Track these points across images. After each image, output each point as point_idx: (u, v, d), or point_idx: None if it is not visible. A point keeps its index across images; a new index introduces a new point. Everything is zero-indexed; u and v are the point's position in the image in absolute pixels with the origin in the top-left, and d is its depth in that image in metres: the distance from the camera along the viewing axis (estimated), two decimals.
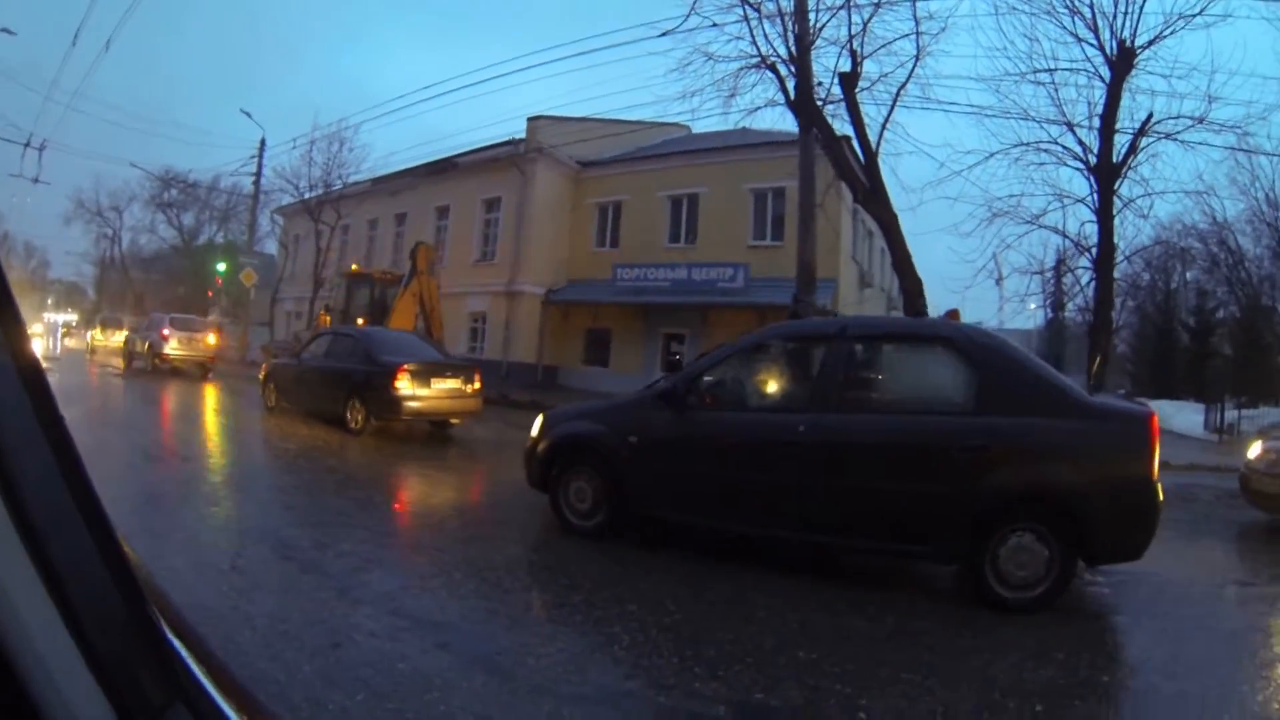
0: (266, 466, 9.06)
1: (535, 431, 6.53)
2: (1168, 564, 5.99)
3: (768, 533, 5.39)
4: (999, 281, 16.91)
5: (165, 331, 19.81)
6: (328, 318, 21.35)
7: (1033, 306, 31.61)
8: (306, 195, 28.56)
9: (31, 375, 0.76)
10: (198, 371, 20.43)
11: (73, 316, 55.29)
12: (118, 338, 27.29)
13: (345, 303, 21.12)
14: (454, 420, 12.29)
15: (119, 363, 21.99)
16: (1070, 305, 20.51)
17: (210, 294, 33.68)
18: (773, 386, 5.92)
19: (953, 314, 6.29)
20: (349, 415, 11.23)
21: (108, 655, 0.76)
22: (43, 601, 0.73)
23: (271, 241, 39.74)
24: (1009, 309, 41.96)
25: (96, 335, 30.98)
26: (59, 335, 37.04)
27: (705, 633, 3.95)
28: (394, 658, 3.38)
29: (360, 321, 17.81)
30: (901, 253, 14.71)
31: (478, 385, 12.03)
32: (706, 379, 5.88)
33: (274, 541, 5.27)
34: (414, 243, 20.68)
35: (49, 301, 67.41)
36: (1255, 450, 8.12)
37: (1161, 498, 4.69)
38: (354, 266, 22.50)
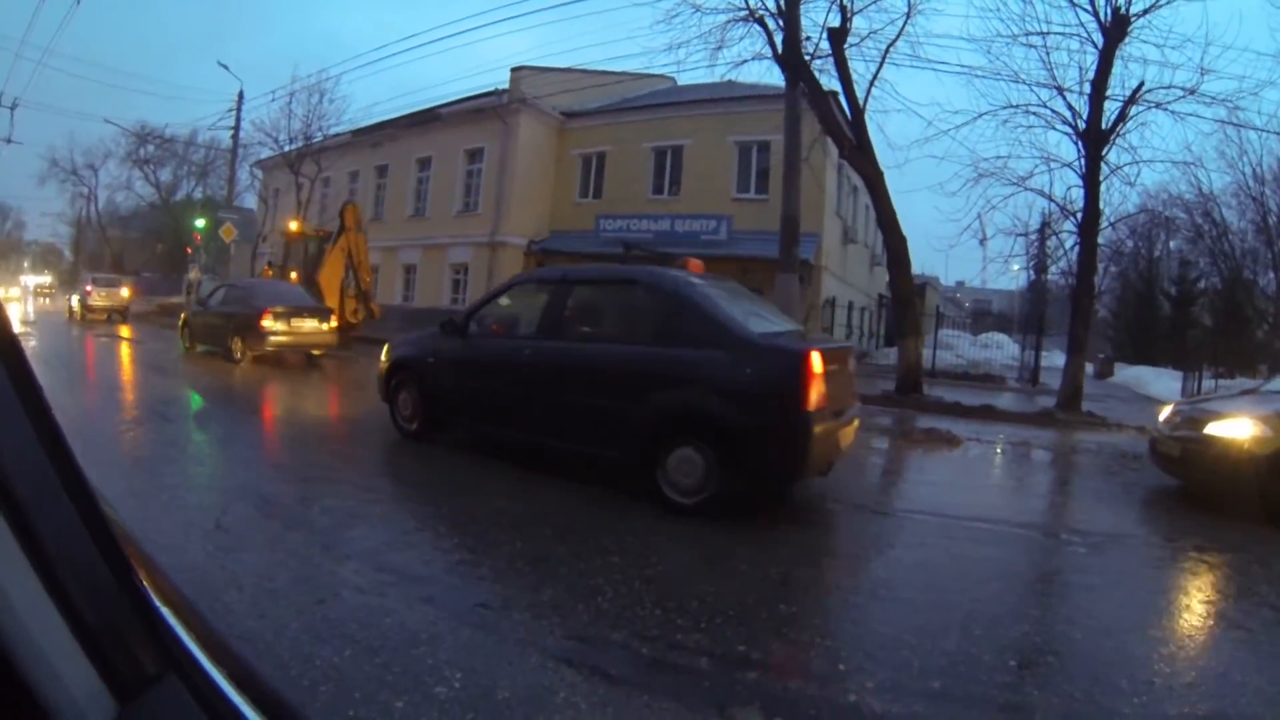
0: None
1: (383, 357, 8.04)
2: (1154, 527, 6.13)
3: (515, 436, 6.71)
4: (983, 242, 16.95)
5: (89, 288, 25.61)
6: (270, 271, 22.91)
7: (1016, 268, 31.77)
8: (286, 148, 28.15)
9: (6, 344, 0.75)
10: (117, 316, 25.42)
11: (45, 278, 54.35)
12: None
13: (284, 258, 22.31)
14: (315, 351, 15.11)
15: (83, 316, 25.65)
16: (1053, 268, 20.60)
17: (189, 250, 33.18)
18: (519, 319, 7.14)
19: (688, 263, 6.92)
20: (233, 348, 14.14)
21: (97, 628, 0.76)
22: (28, 575, 0.72)
23: (251, 196, 39.17)
24: (992, 269, 42.12)
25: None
26: (31, 297, 36.85)
27: (688, 585, 4.00)
28: (380, 613, 3.41)
29: (293, 274, 19.79)
30: (886, 209, 14.74)
31: (333, 324, 15.20)
32: (479, 312, 7.29)
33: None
34: (343, 203, 21.85)
35: (25, 264, 66.37)
36: (1165, 413, 8.03)
37: (817, 429, 5.21)
38: (293, 226, 23.01)
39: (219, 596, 3.45)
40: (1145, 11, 13.66)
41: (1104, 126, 14.35)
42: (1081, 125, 14.57)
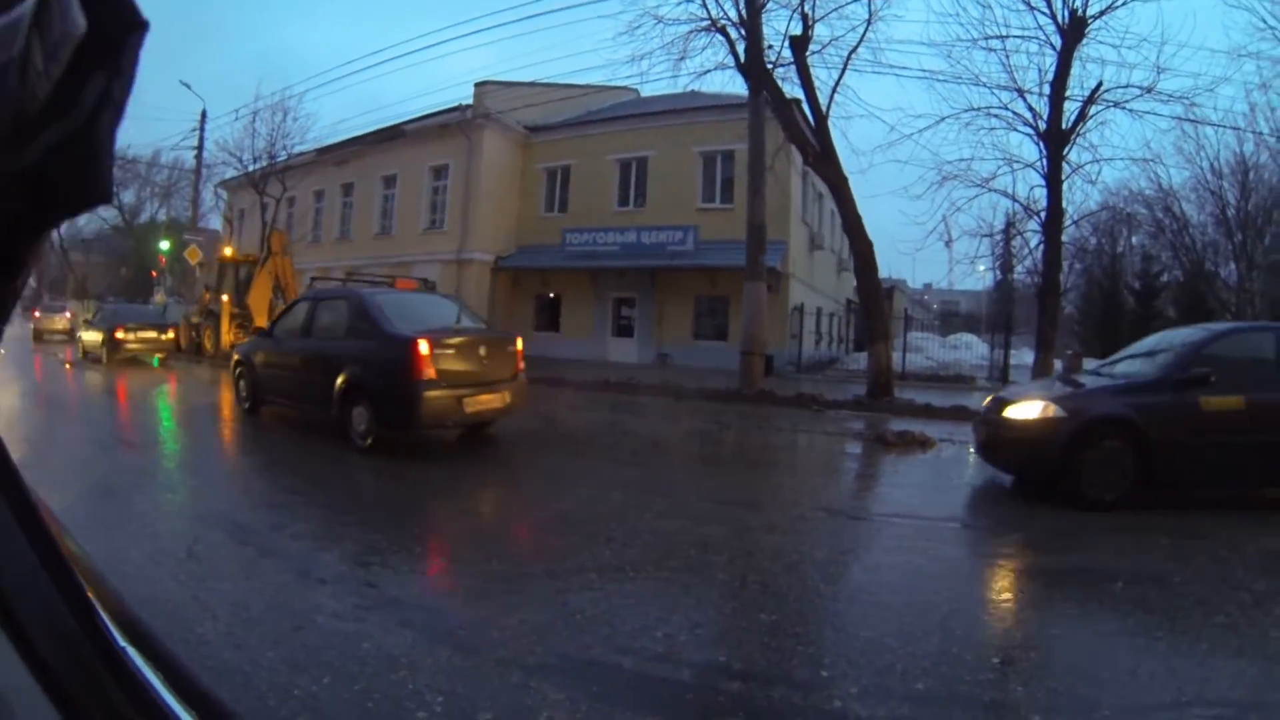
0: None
1: (233, 356, 11.17)
2: (1129, 518, 6.21)
3: (291, 406, 9.67)
4: (949, 244, 17.11)
5: (37, 314, 30.08)
6: (208, 294, 23.97)
7: (982, 269, 32.14)
8: (250, 168, 27.82)
9: None
10: (63, 337, 28.49)
11: None
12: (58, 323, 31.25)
13: (218, 281, 23.48)
14: (159, 354, 19.78)
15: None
16: (1019, 268, 20.87)
17: (154, 274, 32.78)
18: (296, 325, 9.57)
19: (397, 282, 11.04)
20: (102, 354, 18.88)
21: (60, 674, 0.74)
22: None
23: (216, 217, 38.75)
24: (959, 270, 42.57)
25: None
26: None
27: (668, 599, 3.99)
28: (358, 638, 3.36)
29: (225, 297, 22.07)
30: (852, 215, 14.83)
31: (170, 335, 20.41)
32: (280, 321, 10.18)
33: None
34: (269, 229, 23.72)
35: None
36: (987, 399, 8.18)
37: (428, 394, 7.57)
38: (227, 252, 24.11)
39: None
40: (1102, 13, 13.95)
41: (1064, 126, 14.61)
42: (1042, 126, 14.83)
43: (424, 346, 7.57)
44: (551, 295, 25.97)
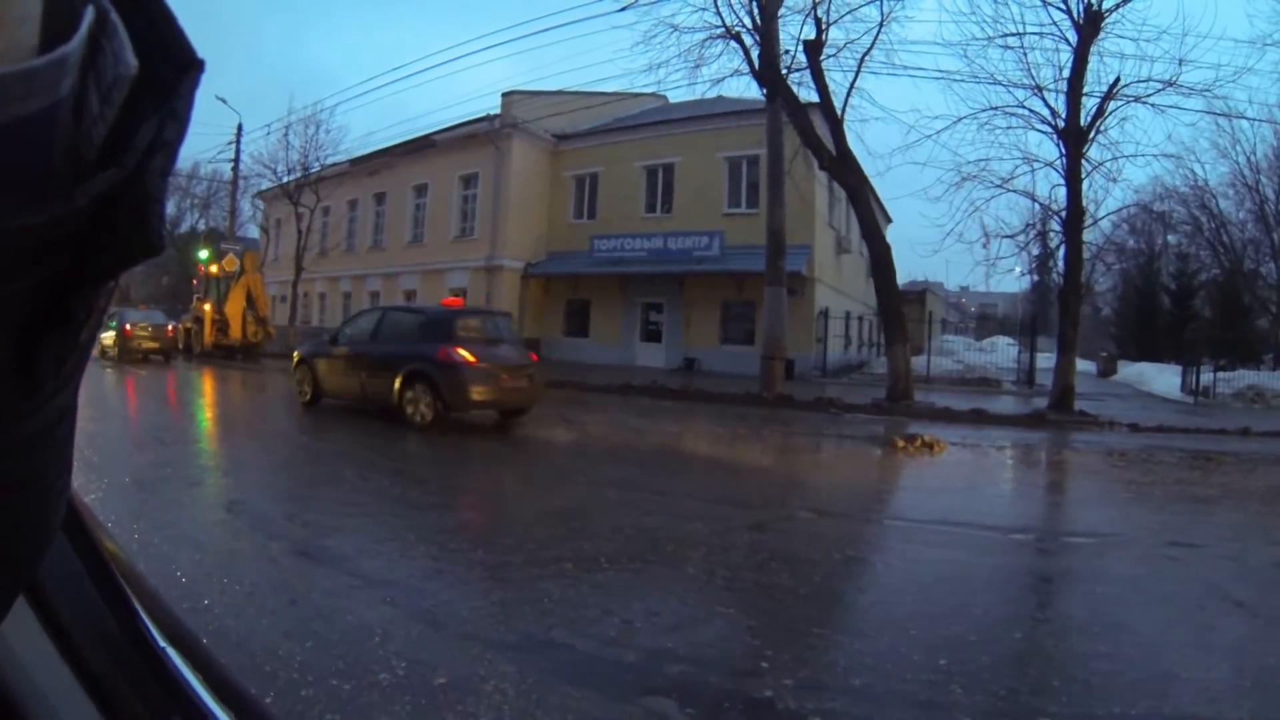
0: None
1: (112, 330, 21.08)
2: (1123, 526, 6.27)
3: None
4: (985, 244, 16.85)
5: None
6: (198, 302, 27.18)
7: (1017, 270, 31.68)
8: (285, 179, 28.55)
9: None
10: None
11: None
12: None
13: (206, 293, 26.75)
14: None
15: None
16: (1055, 270, 20.66)
17: (195, 282, 33.71)
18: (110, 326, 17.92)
19: (143, 306, 16.36)
20: None
21: (101, 674, 0.77)
22: (32, 622, 0.74)
23: (253, 226, 39.64)
24: (994, 272, 42.02)
25: None
26: None
27: (633, 591, 4.21)
28: (343, 612, 3.66)
29: (207, 306, 25.73)
30: (868, 218, 14.92)
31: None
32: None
33: None
34: (243, 249, 27.28)
35: None
36: None
37: (127, 344, 19.96)
38: (213, 269, 26.76)
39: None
40: (1118, 6, 13.80)
41: (1083, 123, 14.46)
42: (1061, 124, 14.70)
43: (128, 328, 19.22)
44: (581, 301, 26.27)
